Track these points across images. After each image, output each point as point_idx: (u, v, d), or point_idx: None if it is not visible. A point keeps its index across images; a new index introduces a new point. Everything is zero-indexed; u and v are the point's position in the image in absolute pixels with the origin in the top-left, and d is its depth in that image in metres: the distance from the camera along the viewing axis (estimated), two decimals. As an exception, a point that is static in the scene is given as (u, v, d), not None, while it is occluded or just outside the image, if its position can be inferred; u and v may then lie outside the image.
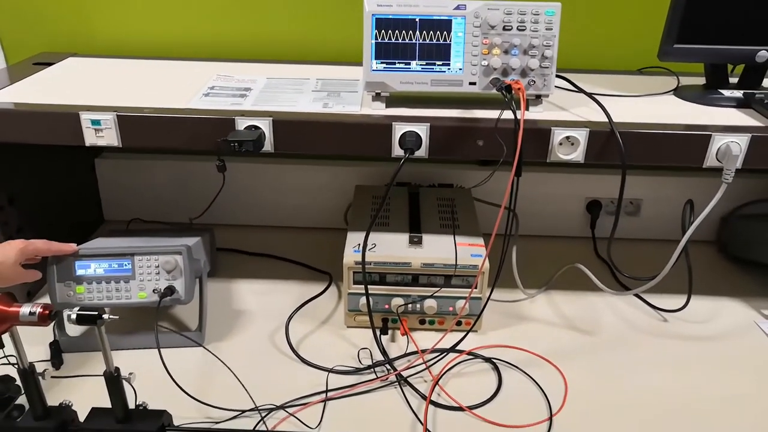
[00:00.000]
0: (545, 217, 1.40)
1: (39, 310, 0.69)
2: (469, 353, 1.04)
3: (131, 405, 0.78)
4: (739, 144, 0.94)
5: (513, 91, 0.90)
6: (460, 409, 0.93)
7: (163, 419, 0.78)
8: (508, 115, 0.91)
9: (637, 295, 1.20)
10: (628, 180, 1.35)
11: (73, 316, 0.69)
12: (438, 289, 1.05)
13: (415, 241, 1.09)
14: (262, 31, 1.34)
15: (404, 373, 0.99)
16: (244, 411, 0.90)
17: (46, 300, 1.02)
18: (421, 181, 1.35)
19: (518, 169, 0.88)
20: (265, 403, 0.91)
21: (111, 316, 0.69)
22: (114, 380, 0.73)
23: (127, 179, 1.39)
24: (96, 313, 0.68)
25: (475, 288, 1.04)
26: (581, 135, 0.94)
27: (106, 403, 0.77)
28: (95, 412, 0.78)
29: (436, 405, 0.94)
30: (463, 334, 1.05)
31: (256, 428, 0.86)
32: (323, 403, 0.94)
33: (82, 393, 0.92)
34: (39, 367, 0.76)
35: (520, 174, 0.89)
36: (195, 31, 1.34)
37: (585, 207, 1.40)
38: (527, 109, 1.01)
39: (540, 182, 1.37)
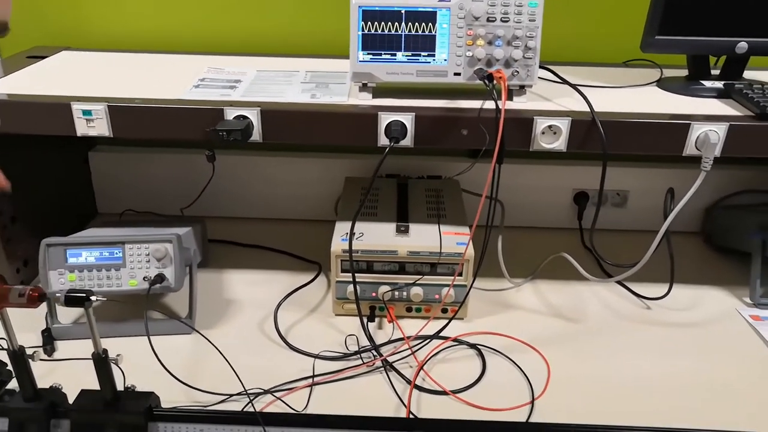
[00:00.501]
0: (533, 209, 1.42)
1: (29, 291, 0.70)
2: (455, 340, 1.06)
3: (120, 388, 0.80)
4: (717, 132, 0.95)
5: (495, 80, 0.92)
6: (444, 393, 0.95)
7: (150, 401, 0.79)
8: (492, 104, 0.92)
9: (621, 284, 1.22)
10: (614, 171, 1.39)
11: (62, 298, 0.70)
12: (421, 276, 1.07)
13: (402, 230, 1.11)
14: (255, 24, 1.36)
15: (390, 359, 1.01)
16: (231, 395, 0.92)
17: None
18: (411, 173, 1.37)
19: (500, 157, 0.89)
20: (252, 388, 0.93)
21: (99, 298, 0.70)
22: (102, 362, 0.74)
23: (120, 172, 1.41)
24: (84, 294, 0.70)
25: (459, 275, 1.06)
26: (563, 124, 0.96)
27: (96, 387, 0.78)
28: (84, 393, 0.79)
29: (421, 389, 0.96)
30: (446, 317, 1.07)
31: (243, 410, 0.88)
32: (310, 388, 0.95)
33: (74, 377, 0.93)
34: (30, 351, 0.78)
35: (502, 162, 0.90)
36: (189, 25, 1.36)
37: (572, 198, 1.41)
38: (511, 99, 1.02)
39: (527, 174, 1.39)
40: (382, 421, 0.82)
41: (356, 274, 1.06)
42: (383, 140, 0.97)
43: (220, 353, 0.98)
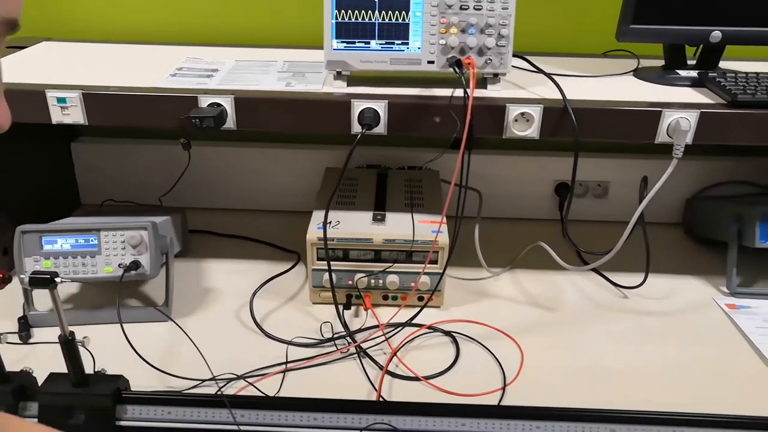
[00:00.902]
0: (514, 200, 1.43)
1: (-6, 272, 0.71)
2: (429, 327, 1.07)
3: (90, 372, 0.81)
4: (688, 120, 0.96)
5: (463, 66, 0.93)
6: (416, 379, 0.96)
7: (119, 383, 0.80)
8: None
9: (599, 273, 1.23)
10: (595, 163, 1.39)
11: (26, 279, 0.71)
12: (390, 264, 1.07)
13: (379, 219, 1.12)
14: (236, 16, 1.36)
15: (364, 345, 1.01)
16: (203, 380, 0.92)
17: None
18: (392, 164, 1.37)
19: (469, 143, 0.90)
20: (225, 373, 0.94)
21: (63, 279, 0.71)
22: (69, 343, 0.75)
23: (103, 163, 1.41)
24: (48, 276, 0.70)
25: (433, 263, 1.06)
26: (536, 111, 0.97)
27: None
28: (52, 376, 0.80)
29: (394, 375, 0.96)
30: (426, 308, 1.08)
31: (215, 394, 0.88)
32: (283, 374, 0.96)
33: (48, 363, 0.93)
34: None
35: (471, 148, 0.91)
36: (171, 17, 1.36)
37: (553, 189, 1.42)
38: (485, 87, 1.03)
39: (508, 165, 1.39)
40: (347, 404, 0.82)
41: (332, 262, 1.06)
42: (357, 128, 0.98)
43: (189, 338, 0.98)
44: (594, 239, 1.21)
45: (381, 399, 0.90)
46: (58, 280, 0.71)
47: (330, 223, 1.09)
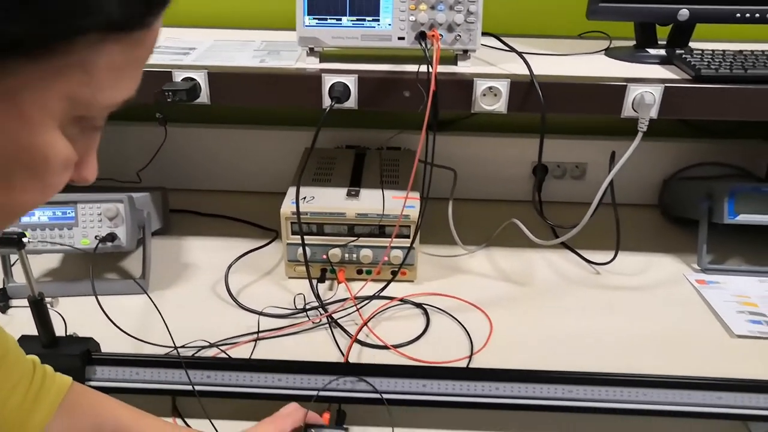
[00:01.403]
0: (491, 181, 1.44)
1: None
2: (401, 300, 1.08)
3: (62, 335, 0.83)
4: (653, 94, 0.98)
5: (427, 38, 0.95)
6: (385, 347, 0.98)
7: (89, 345, 0.82)
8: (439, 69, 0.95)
9: (572, 250, 1.24)
10: (573, 144, 1.41)
11: (-6, 239, 0.73)
12: (355, 238, 1.09)
13: (353, 194, 1.14)
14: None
15: (335, 316, 1.03)
16: (176, 347, 0.94)
17: None
18: (371, 146, 1.39)
19: (433, 114, 0.91)
20: (197, 339, 0.96)
21: (30, 240, 0.73)
22: (38, 304, 0.77)
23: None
24: (16, 236, 0.72)
25: (404, 237, 1.08)
26: (503, 85, 0.99)
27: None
28: (23, 338, 0.82)
29: (363, 344, 0.98)
30: (399, 282, 1.10)
31: (177, 355, 0.90)
32: (254, 342, 0.98)
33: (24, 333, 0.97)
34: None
35: (437, 119, 0.93)
36: None
37: (531, 171, 1.43)
38: (455, 64, 1.05)
39: (486, 146, 1.41)
40: (307, 365, 0.84)
41: (307, 237, 1.08)
42: (327, 102, 1.00)
43: (155, 307, 1.00)
44: (571, 220, 1.22)
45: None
46: (25, 240, 0.73)
47: (305, 198, 1.11)
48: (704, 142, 1.40)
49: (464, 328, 1.03)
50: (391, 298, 1.08)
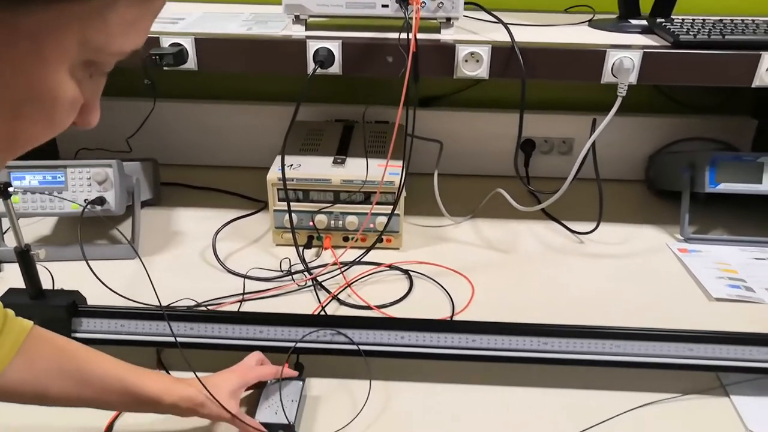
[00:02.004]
0: (479, 157, 1.46)
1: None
2: (386, 266, 1.10)
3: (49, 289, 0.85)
4: (632, 59, 0.99)
5: (410, 4, 0.96)
6: (368, 308, 0.99)
7: (75, 297, 0.84)
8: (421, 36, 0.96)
9: (556, 221, 1.26)
10: (560, 119, 1.42)
11: (-20, 189, 0.75)
12: (341, 204, 1.11)
13: (339, 162, 1.15)
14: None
15: (320, 278, 1.05)
16: (162, 306, 0.96)
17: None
18: (360, 120, 1.40)
19: (413, 77, 0.93)
20: (183, 298, 0.98)
21: (16, 189, 0.75)
22: (24, 255, 0.79)
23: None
24: (2, 186, 0.74)
25: (387, 204, 1.09)
26: (484, 51, 1.00)
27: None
28: (10, 291, 0.84)
29: (346, 304, 1.00)
30: (385, 249, 1.12)
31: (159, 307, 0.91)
32: (239, 303, 1.00)
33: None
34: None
35: (417, 80, 0.94)
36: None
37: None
38: (438, 32, 1.06)
39: (473, 121, 1.43)
40: (286, 317, 0.86)
41: (293, 203, 1.10)
42: (312, 67, 1.01)
43: (143, 266, 1.00)
44: (560, 196, 1.24)
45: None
46: (11, 189, 0.74)
47: (291, 165, 1.13)
48: (690, 117, 1.42)
49: (446, 291, 1.04)
50: (376, 264, 1.10)
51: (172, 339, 0.81)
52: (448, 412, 0.81)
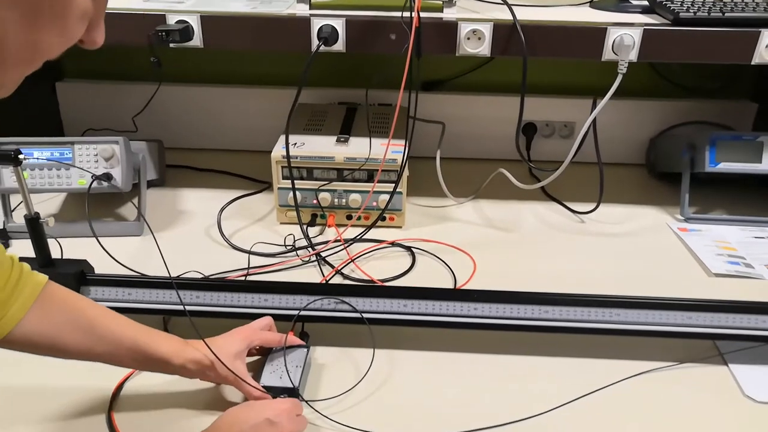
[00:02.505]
0: (482, 140, 1.47)
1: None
2: (390, 243, 1.11)
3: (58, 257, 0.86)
4: (632, 36, 1.00)
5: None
6: (371, 282, 1.01)
7: (83, 266, 0.85)
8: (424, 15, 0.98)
9: (558, 201, 1.27)
10: (562, 103, 1.43)
11: (-9, 155, 0.76)
12: (332, 181, 1.13)
13: (342, 141, 1.17)
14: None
15: (323, 254, 1.06)
16: (170, 278, 0.97)
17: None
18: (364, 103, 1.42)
19: (416, 50, 0.94)
20: (190, 270, 0.99)
21: (26, 156, 0.76)
22: (33, 222, 0.80)
23: (85, 102, 1.46)
24: (12, 152, 0.75)
25: (390, 182, 1.10)
26: (486, 28, 1.01)
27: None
28: (21, 259, 0.85)
29: (350, 278, 1.01)
30: (388, 227, 1.13)
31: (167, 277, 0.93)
32: (244, 276, 1.01)
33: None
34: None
35: (420, 55, 0.96)
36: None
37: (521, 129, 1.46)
38: (441, 11, 1.08)
39: (475, 105, 1.44)
40: (291, 286, 0.88)
41: (297, 181, 1.11)
42: (316, 44, 1.03)
43: (152, 235, 1.02)
44: (561, 179, 1.25)
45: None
46: (21, 157, 0.76)
47: (295, 144, 1.14)
48: (691, 101, 1.43)
49: (449, 267, 1.05)
50: (379, 241, 1.11)
51: (178, 307, 0.83)
52: (450, 379, 0.82)
